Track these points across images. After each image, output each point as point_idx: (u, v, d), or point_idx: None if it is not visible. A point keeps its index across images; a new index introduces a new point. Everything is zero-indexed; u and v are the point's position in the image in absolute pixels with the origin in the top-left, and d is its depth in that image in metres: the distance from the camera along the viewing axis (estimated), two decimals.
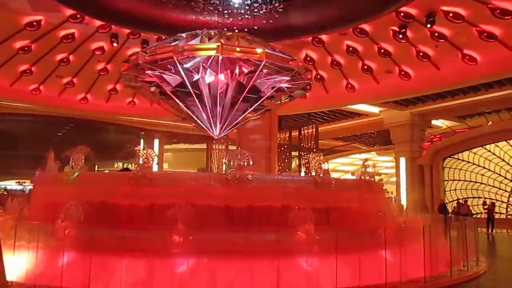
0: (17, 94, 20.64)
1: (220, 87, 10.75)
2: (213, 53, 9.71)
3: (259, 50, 9.87)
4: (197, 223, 6.83)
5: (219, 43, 9.63)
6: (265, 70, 10.43)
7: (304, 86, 11.83)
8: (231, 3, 13.10)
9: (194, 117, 11.42)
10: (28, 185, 31.29)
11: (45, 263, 6.46)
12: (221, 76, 10.53)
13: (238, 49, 9.94)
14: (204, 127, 11.42)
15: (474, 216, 21.93)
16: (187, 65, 10.17)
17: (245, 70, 10.58)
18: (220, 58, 9.79)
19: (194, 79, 10.51)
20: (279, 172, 24.02)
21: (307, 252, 7.06)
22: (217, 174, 11.25)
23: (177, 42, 10.25)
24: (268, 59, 9.94)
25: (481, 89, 20.88)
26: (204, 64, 10.20)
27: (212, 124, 11.23)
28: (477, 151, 25.52)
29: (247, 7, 13.26)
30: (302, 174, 21.50)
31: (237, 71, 10.57)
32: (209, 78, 10.58)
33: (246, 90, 10.75)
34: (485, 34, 15.27)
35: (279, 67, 10.53)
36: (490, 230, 20.03)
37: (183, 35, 10.51)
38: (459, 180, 25.98)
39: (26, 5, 14.93)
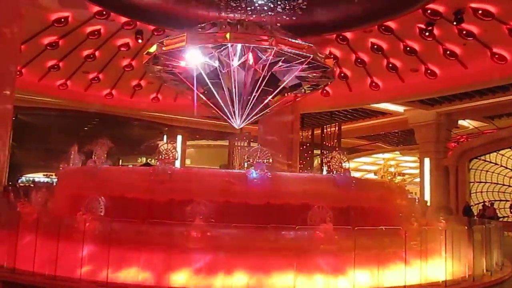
0: (45, 89, 21.16)
1: (252, 77, 10.85)
2: (265, 44, 9.85)
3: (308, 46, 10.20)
4: (215, 220, 6.85)
5: (272, 35, 9.83)
6: (305, 65, 10.65)
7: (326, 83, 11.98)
8: (255, 0, 13.10)
9: (220, 106, 11.50)
10: (55, 178, 32.02)
11: (65, 255, 6.58)
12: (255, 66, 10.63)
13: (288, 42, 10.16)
14: (227, 117, 11.51)
15: (501, 219, 21.35)
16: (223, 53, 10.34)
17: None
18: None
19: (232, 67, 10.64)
20: (300, 170, 23.89)
21: (325, 251, 6.99)
22: (237, 171, 11.27)
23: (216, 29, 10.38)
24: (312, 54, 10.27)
25: (511, 89, 20.27)
26: (251, 53, 10.37)
27: (236, 114, 11.32)
28: (505, 153, 24.73)
29: (270, 4, 13.24)
30: (324, 172, 21.35)
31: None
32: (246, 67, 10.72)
33: (285, 82, 11.08)
34: None
35: (317, 63, 10.76)
36: None
37: (223, 21, 10.69)
38: (486, 182, 25.27)
39: (54, 2, 15.27)
